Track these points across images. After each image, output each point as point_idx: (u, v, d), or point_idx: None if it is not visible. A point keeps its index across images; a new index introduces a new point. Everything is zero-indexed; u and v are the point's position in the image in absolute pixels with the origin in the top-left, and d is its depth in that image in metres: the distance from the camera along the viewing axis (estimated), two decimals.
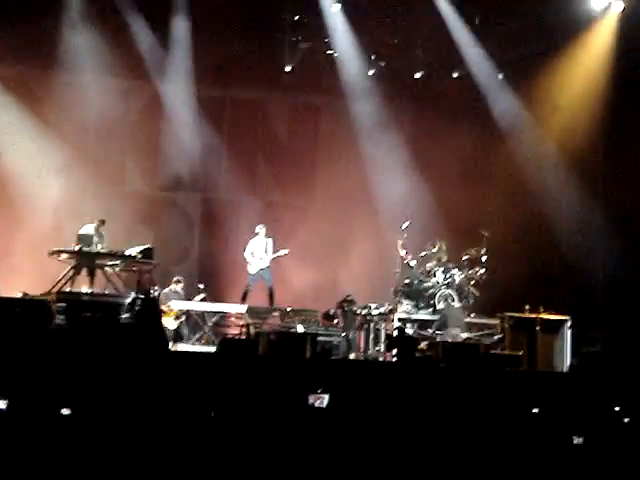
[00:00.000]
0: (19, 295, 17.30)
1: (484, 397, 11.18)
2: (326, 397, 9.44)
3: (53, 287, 17.94)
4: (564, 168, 21.75)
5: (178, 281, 19.52)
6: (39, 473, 7.07)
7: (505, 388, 12.21)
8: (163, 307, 18.38)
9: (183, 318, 19.06)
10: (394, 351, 15.23)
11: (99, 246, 18.78)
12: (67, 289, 18.06)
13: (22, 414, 8.12)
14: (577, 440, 8.59)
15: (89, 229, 18.94)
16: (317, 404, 9.48)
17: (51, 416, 8.15)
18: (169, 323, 18.51)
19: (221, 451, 7.76)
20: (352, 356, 18.11)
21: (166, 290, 19.15)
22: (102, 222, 19.06)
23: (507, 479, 7.59)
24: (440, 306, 18.91)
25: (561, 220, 21.80)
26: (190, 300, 19.49)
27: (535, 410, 10.39)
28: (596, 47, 21.26)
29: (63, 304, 16.25)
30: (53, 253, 18.44)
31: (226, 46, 21.71)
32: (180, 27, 21.79)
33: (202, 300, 19.49)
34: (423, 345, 16.85)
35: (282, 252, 20.13)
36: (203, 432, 8.25)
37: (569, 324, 17.78)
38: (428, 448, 8.11)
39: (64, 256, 18.50)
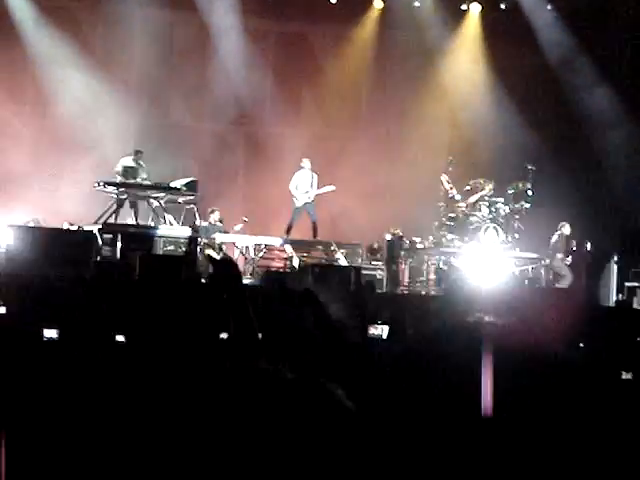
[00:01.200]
0: (65, 226, 17.48)
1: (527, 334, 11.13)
2: (386, 328, 9.46)
3: (99, 219, 18.07)
4: (619, 105, 21.38)
5: (213, 210, 19.30)
6: (91, 402, 7.13)
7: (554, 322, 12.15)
8: (206, 240, 18.41)
9: (225, 249, 19.01)
10: (442, 285, 15.23)
11: (142, 177, 18.87)
12: (112, 221, 18.19)
13: (73, 342, 8.20)
14: (626, 375, 8.51)
15: (128, 161, 19.00)
16: (377, 334, 9.51)
17: (103, 343, 8.23)
18: (214, 254, 18.51)
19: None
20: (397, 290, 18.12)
21: (204, 223, 19.10)
22: (138, 152, 19.09)
23: (552, 416, 7.54)
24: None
25: (611, 156, 21.52)
26: (228, 232, 19.40)
27: (580, 344, 10.33)
28: None
29: (109, 236, 16.42)
30: (98, 185, 18.53)
31: None
32: None
33: (240, 229, 19.33)
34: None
35: (328, 188, 19.97)
36: (242, 362, 8.28)
37: (615, 258, 17.66)
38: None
39: (109, 188, 18.59)
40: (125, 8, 21.72)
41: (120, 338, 8.34)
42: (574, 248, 18.62)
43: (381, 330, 9.90)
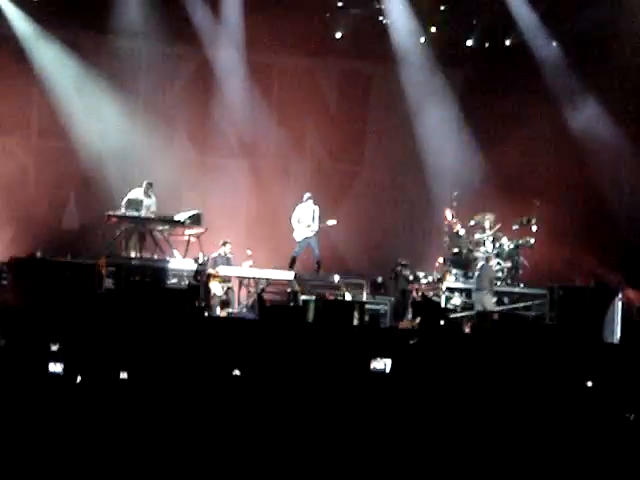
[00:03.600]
0: (69, 258, 17.46)
1: (529, 367, 11.10)
2: (388, 361, 9.45)
3: (103, 251, 18.05)
4: (620, 137, 21.43)
5: (225, 243, 19.38)
6: (92, 434, 7.11)
7: (555, 360, 12.12)
8: (211, 271, 18.40)
9: (230, 284, 19.02)
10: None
11: (151, 209, 18.90)
12: (116, 253, 18.18)
13: (77, 377, 8.17)
14: (630, 416, 8.48)
15: (138, 193, 19.06)
16: (379, 368, 9.49)
17: (106, 379, 8.19)
18: (216, 288, 18.50)
19: (266, 414, 7.75)
20: (401, 324, 18.05)
21: (214, 254, 19.14)
22: (150, 185, 19.18)
23: (555, 454, 7.51)
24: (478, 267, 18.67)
25: (615, 190, 21.54)
26: (237, 265, 19.43)
27: (589, 383, 10.30)
28: None
29: (112, 268, 16.40)
30: (106, 218, 18.55)
31: (277, 12, 21.57)
32: None
33: (250, 266, 19.40)
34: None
35: (330, 222, 19.98)
36: (252, 398, 8.24)
37: (620, 295, 17.59)
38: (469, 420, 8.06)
39: (115, 220, 18.61)
40: (131, 42, 21.85)
41: (123, 375, 8.30)
42: None
43: (384, 364, 9.87)
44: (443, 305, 18.11)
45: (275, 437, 7.10)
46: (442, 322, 14.52)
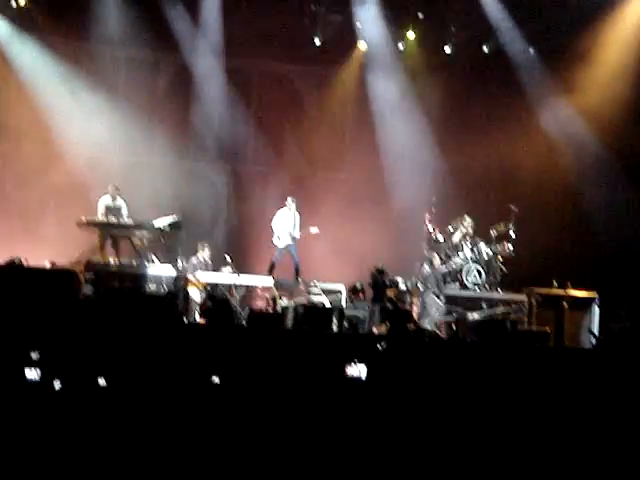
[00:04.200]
0: (48, 265, 17.40)
1: (509, 374, 11.14)
2: (363, 367, 9.47)
3: (81, 257, 18.00)
4: (595, 144, 21.57)
5: (203, 247, 19.34)
6: (70, 441, 7.11)
7: (532, 365, 12.16)
8: (190, 277, 18.38)
9: (209, 289, 18.99)
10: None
11: (124, 213, 18.88)
12: (95, 260, 18.13)
13: (54, 383, 8.15)
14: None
15: (107, 200, 19.07)
16: (354, 374, 9.51)
17: (85, 386, 8.19)
18: (194, 294, 18.49)
19: (247, 422, 7.77)
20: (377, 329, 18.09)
21: (193, 259, 19.12)
22: (116, 188, 19.13)
23: (530, 458, 7.56)
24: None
25: (590, 196, 21.68)
26: (216, 271, 19.41)
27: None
28: (631, 18, 21.08)
29: (91, 274, 16.36)
30: (81, 224, 18.49)
31: (256, 18, 21.61)
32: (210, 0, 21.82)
33: (230, 272, 19.34)
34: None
35: (312, 230, 19.96)
36: (231, 405, 8.26)
37: (597, 301, 17.70)
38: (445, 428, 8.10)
39: (92, 227, 18.56)
40: (109, 48, 21.86)
41: (102, 382, 8.29)
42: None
43: (358, 371, 9.88)
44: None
45: (253, 444, 7.12)
46: (410, 328, 14.55)
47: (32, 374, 8.60)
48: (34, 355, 8.95)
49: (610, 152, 21.54)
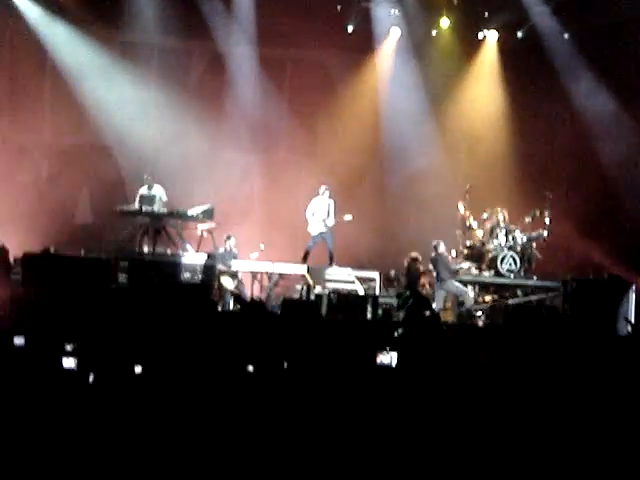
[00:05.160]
0: (82, 254, 17.51)
1: (543, 361, 11.07)
2: (394, 355, 9.44)
3: (116, 246, 18.11)
4: (633, 128, 21.35)
5: (229, 237, 19.37)
6: (106, 430, 7.14)
7: (564, 352, 12.08)
8: (222, 267, 18.40)
9: (240, 277, 18.99)
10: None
11: (163, 199, 18.97)
12: (129, 248, 18.24)
13: (90, 372, 8.18)
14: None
15: (144, 190, 19.18)
16: (385, 362, 9.48)
17: (120, 374, 8.21)
18: (227, 282, 18.52)
19: (287, 409, 7.77)
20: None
21: (221, 250, 19.13)
22: (150, 177, 19.21)
23: (567, 447, 7.50)
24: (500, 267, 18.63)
25: (628, 181, 21.47)
26: (245, 258, 19.38)
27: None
28: None
29: (126, 264, 16.43)
30: (116, 213, 18.60)
31: (289, 6, 21.57)
32: None
33: (257, 258, 19.29)
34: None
35: (346, 218, 19.92)
36: (265, 393, 8.26)
37: (633, 287, 17.54)
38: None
39: (127, 216, 18.67)
40: (142, 37, 21.91)
41: (137, 369, 8.31)
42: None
43: (390, 358, 9.85)
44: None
45: (285, 435, 7.12)
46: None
47: (69, 363, 8.64)
48: (69, 347, 8.98)
49: None
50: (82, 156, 21.68)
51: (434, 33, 22.71)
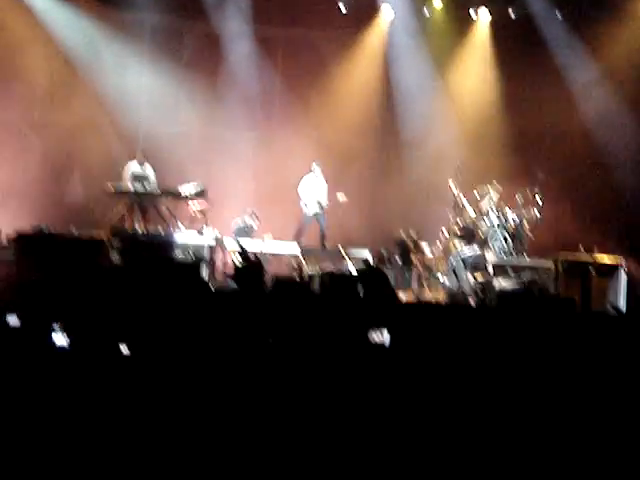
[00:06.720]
0: (75, 232, 17.51)
1: (535, 341, 11.12)
2: (386, 333, 9.48)
3: (108, 225, 18.10)
4: (623, 108, 21.37)
5: (253, 214, 19.64)
6: (98, 407, 7.17)
7: (558, 331, 12.13)
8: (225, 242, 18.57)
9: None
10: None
11: (151, 180, 18.94)
12: (121, 227, 18.23)
13: (83, 351, 8.22)
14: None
15: (135, 166, 19.13)
16: (378, 340, 9.52)
17: (110, 353, 8.24)
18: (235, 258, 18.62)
19: (278, 385, 7.82)
20: (403, 297, 18.11)
21: (239, 221, 19.35)
22: (143, 155, 19.19)
23: (559, 425, 7.56)
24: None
25: (618, 161, 21.51)
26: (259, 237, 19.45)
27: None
28: None
29: (118, 242, 16.43)
30: (107, 191, 18.59)
31: None
32: None
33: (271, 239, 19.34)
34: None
35: (340, 197, 19.98)
36: (257, 372, 8.30)
37: (624, 267, 17.63)
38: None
39: (118, 194, 18.65)
40: (134, 15, 21.85)
41: (124, 349, 8.32)
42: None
43: (382, 337, 9.90)
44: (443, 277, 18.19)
45: (279, 410, 7.16)
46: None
47: (61, 340, 8.67)
48: (57, 326, 8.99)
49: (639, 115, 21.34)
50: (72, 133, 21.62)
51: (427, 12, 22.69)
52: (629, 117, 21.41)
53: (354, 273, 17.77)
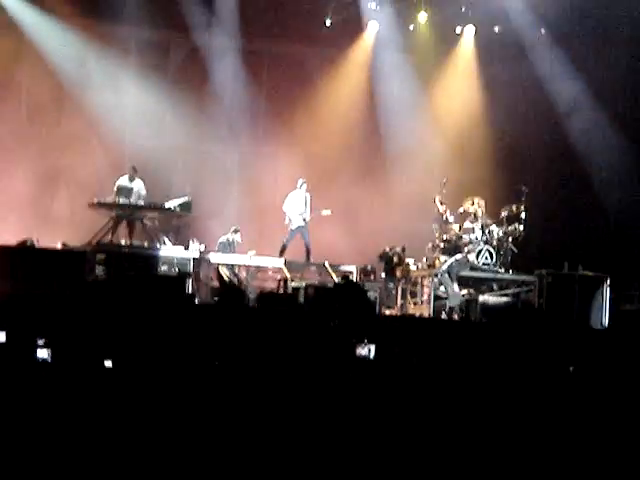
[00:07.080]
0: (59, 246, 17.47)
1: (518, 354, 11.16)
2: (372, 347, 9.52)
3: (93, 239, 18.06)
4: (608, 126, 21.45)
5: (236, 231, 19.62)
6: (79, 420, 7.16)
7: (541, 345, 12.17)
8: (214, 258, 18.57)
9: (237, 270, 19.07)
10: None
11: (140, 193, 18.91)
12: (106, 241, 18.19)
13: (65, 364, 8.21)
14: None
15: (124, 181, 19.10)
16: (364, 354, 9.55)
17: (93, 367, 8.24)
18: (224, 273, 18.63)
19: (263, 396, 7.82)
20: (387, 311, 18.14)
21: (222, 239, 19.31)
22: (134, 169, 19.18)
23: (541, 438, 7.59)
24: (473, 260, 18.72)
25: (602, 177, 21.58)
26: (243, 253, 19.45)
27: (571, 368, 10.37)
28: None
29: (102, 256, 16.41)
30: (92, 205, 18.54)
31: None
32: None
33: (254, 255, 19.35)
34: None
35: (324, 212, 20.02)
36: (245, 383, 8.31)
37: (608, 282, 17.67)
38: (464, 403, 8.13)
39: (103, 208, 18.62)
40: (120, 29, 21.85)
41: (108, 364, 8.31)
42: None
43: (368, 350, 9.93)
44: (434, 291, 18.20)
45: (262, 424, 7.16)
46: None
47: (43, 353, 8.66)
48: (41, 341, 8.98)
49: (624, 133, 21.40)
50: (60, 148, 21.60)
51: (412, 27, 22.76)
52: (617, 133, 21.47)
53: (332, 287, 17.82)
